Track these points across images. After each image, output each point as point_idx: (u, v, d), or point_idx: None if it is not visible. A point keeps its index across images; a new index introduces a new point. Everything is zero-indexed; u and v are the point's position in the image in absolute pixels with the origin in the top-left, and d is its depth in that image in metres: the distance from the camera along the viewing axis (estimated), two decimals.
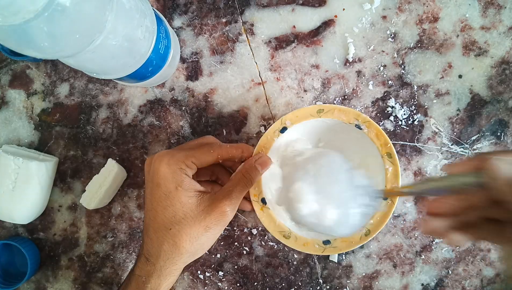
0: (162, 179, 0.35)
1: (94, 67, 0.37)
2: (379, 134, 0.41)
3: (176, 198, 0.35)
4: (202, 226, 0.35)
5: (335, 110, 0.41)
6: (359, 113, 0.41)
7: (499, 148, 0.50)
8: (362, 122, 0.41)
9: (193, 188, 0.36)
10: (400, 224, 0.50)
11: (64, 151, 0.52)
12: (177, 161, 0.36)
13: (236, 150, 0.39)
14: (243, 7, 0.50)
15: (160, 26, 0.41)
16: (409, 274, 0.50)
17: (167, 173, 0.35)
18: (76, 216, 0.52)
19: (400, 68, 0.49)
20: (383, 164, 0.41)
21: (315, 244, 0.42)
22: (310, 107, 0.42)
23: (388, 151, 0.41)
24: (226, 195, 0.36)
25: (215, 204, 0.36)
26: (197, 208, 0.35)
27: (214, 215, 0.35)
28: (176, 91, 0.51)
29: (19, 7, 0.24)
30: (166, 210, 0.35)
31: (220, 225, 0.36)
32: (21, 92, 0.53)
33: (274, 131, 0.42)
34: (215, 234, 0.36)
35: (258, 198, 0.42)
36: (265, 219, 0.42)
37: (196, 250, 0.36)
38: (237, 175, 0.39)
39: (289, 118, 0.42)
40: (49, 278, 0.53)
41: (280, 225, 0.42)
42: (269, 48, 0.50)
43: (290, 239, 0.42)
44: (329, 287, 0.51)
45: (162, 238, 0.35)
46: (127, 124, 0.52)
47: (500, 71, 0.49)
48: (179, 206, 0.35)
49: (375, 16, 0.49)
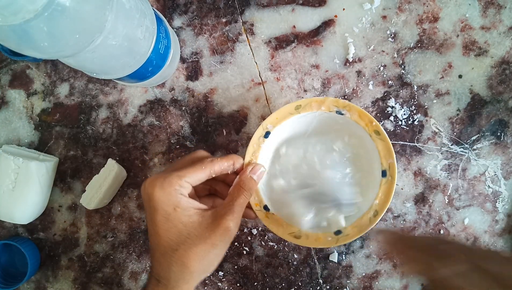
0: (158, 203, 0.35)
1: (94, 67, 0.37)
2: (361, 115, 0.41)
3: (176, 219, 0.35)
4: (208, 243, 0.35)
5: (312, 102, 0.41)
6: (336, 99, 0.41)
7: (499, 148, 0.50)
8: (342, 107, 0.41)
9: (191, 206, 0.36)
10: (400, 224, 0.50)
11: (64, 151, 0.52)
12: (170, 182, 0.35)
13: (228, 163, 0.39)
14: (243, 7, 0.50)
15: (160, 26, 0.41)
16: (409, 274, 0.50)
17: (162, 196, 0.35)
18: (76, 216, 0.52)
19: (400, 68, 0.49)
20: (373, 142, 0.41)
21: (327, 237, 0.41)
22: (287, 106, 0.41)
23: (375, 129, 0.41)
24: (227, 210, 0.36)
25: (218, 221, 0.35)
26: (200, 226, 0.35)
27: (218, 232, 0.35)
28: (176, 91, 0.51)
29: (19, 7, 0.24)
30: (169, 232, 0.35)
31: (226, 241, 0.36)
32: (21, 92, 0.53)
33: (259, 138, 0.42)
34: (222, 250, 0.36)
35: (260, 206, 0.42)
36: (273, 225, 0.41)
37: (205, 267, 0.36)
38: (235, 189, 0.39)
39: (270, 122, 0.41)
40: (49, 278, 0.53)
41: (289, 227, 0.42)
42: (269, 48, 0.50)
43: (301, 238, 0.41)
44: (329, 287, 0.51)
45: (169, 260, 0.34)
46: (127, 124, 0.52)
47: (500, 71, 0.49)
48: (181, 226, 0.35)
49: (375, 16, 0.49)
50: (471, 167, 0.50)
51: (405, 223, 0.50)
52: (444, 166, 0.50)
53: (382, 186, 0.41)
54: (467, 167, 0.50)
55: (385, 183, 0.41)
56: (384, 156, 0.41)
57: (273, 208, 0.42)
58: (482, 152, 0.50)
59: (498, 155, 0.50)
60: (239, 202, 0.37)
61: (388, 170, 0.41)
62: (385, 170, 0.41)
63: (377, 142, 0.41)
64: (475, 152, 0.50)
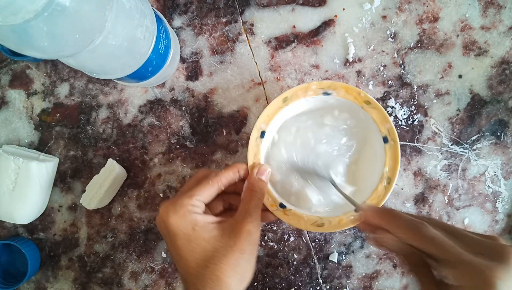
0: (176, 228, 0.35)
1: (94, 67, 0.37)
2: (348, 89, 0.41)
3: (198, 238, 0.34)
4: (235, 251, 0.34)
5: (297, 91, 0.41)
6: (319, 81, 0.41)
7: (499, 148, 0.50)
8: (327, 88, 0.41)
9: (209, 221, 0.36)
10: None
11: (64, 151, 0.52)
12: (181, 205, 0.35)
13: (233, 172, 0.40)
14: (243, 7, 0.50)
15: (160, 26, 0.41)
16: (409, 274, 0.50)
17: (178, 220, 0.35)
18: (76, 216, 0.52)
19: (400, 68, 0.49)
20: (366, 113, 0.41)
21: (349, 217, 0.41)
22: (275, 101, 0.41)
23: (364, 99, 0.40)
24: (244, 215, 0.36)
25: (238, 227, 0.35)
26: (223, 237, 0.35)
27: (242, 237, 0.35)
28: (176, 91, 0.51)
29: (19, 7, 0.24)
30: (194, 252, 0.34)
31: (251, 244, 0.35)
32: (21, 92, 0.53)
33: (256, 140, 0.42)
34: (251, 255, 0.36)
35: (276, 206, 0.42)
36: (293, 220, 0.41)
37: (240, 276, 0.35)
38: (246, 193, 0.39)
39: (262, 121, 0.42)
40: (49, 278, 0.53)
41: (310, 218, 0.41)
42: (269, 48, 0.50)
43: (324, 225, 0.41)
44: (329, 287, 0.51)
45: (203, 278, 0.34)
46: (127, 124, 0.52)
47: (500, 71, 0.49)
48: (204, 243, 0.34)
49: (375, 16, 0.49)
50: (471, 167, 0.50)
51: None
52: (444, 166, 0.50)
53: (387, 152, 0.40)
54: (467, 167, 0.50)
55: (389, 148, 0.40)
56: (380, 122, 0.41)
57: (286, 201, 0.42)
58: (482, 152, 0.50)
59: (498, 155, 0.50)
60: (253, 204, 0.37)
61: (388, 135, 0.40)
62: (386, 136, 0.40)
63: (370, 111, 0.41)
64: (475, 152, 0.50)
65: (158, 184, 0.52)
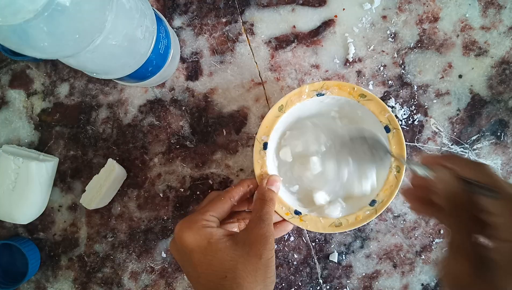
0: (192, 244, 0.35)
1: (94, 67, 0.37)
2: (341, 86, 0.41)
3: (214, 250, 0.34)
4: (252, 256, 0.34)
5: (291, 97, 0.41)
6: (311, 83, 0.41)
7: (499, 148, 0.50)
8: (320, 89, 0.41)
9: (223, 233, 0.36)
10: (400, 224, 0.50)
11: (64, 151, 0.52)
12: (195, 221, 0.36)
13: (243, 186, 0.40)
14: (243, 7, 0.50)
15: (160, 26, 0.41)
16: (409, 274, 0.50)
17: (192, 236, 0.35)
18: (76, 216, 0.52)
19: (400, 68, 0.49)
20: (363, 106, 0.41)
21: (365, 212, 0.41)
22: (271, 111, 0.41)
23: (359, 93, 0.41)
24: (257, 222, 0.37)
25: (252, 233, 0.36)
26: (238, 245, 0.35)
27: (257, 242, 0.35)
28: (176, 91, 0.51)
29: (19, 7, 0.24)
30: (211, 265, 0.34)
31: (268, 248, 0.35)
32: (21, 92, 0.53)
33: (259, 152, 0.42)
34: (269, 259, 0.35)
35: (291, 214, 0.42)
36: (312, 225, 0.41)
37: (262, 281, 0.35)
38: (256, 203, 0.39)
39: (262, 133, 0.42)
40: (49, 278, 0.53)
41: (326, 220, 0.41)
42: (269, 48, 0.50)
43: (342, 225, 0.41)
44: (329, 287, 0.51)
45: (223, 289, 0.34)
46: (127, 124, 0.52)
47: (500, 71, 0.49)
48: (221, 254, 0.34)
49: (375, 16, 0.49)
50: None
51: (405, 223, 0.50)
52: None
53: (391, 141, 0.41)
54: None
55: (393, 137, 0.41)
56: (379, 113, 0.41)
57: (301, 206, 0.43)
58: (482, 152, 0.50)
59: (498, 155, 0.50)
60: (264, 211, 0.38)
61: (389, 124, 0.41)
62: (387, 125, 0.41)
63: (366, 104, 0.41)
64: (475, 152, 0.50)
65: (158, 184, 0.52)
